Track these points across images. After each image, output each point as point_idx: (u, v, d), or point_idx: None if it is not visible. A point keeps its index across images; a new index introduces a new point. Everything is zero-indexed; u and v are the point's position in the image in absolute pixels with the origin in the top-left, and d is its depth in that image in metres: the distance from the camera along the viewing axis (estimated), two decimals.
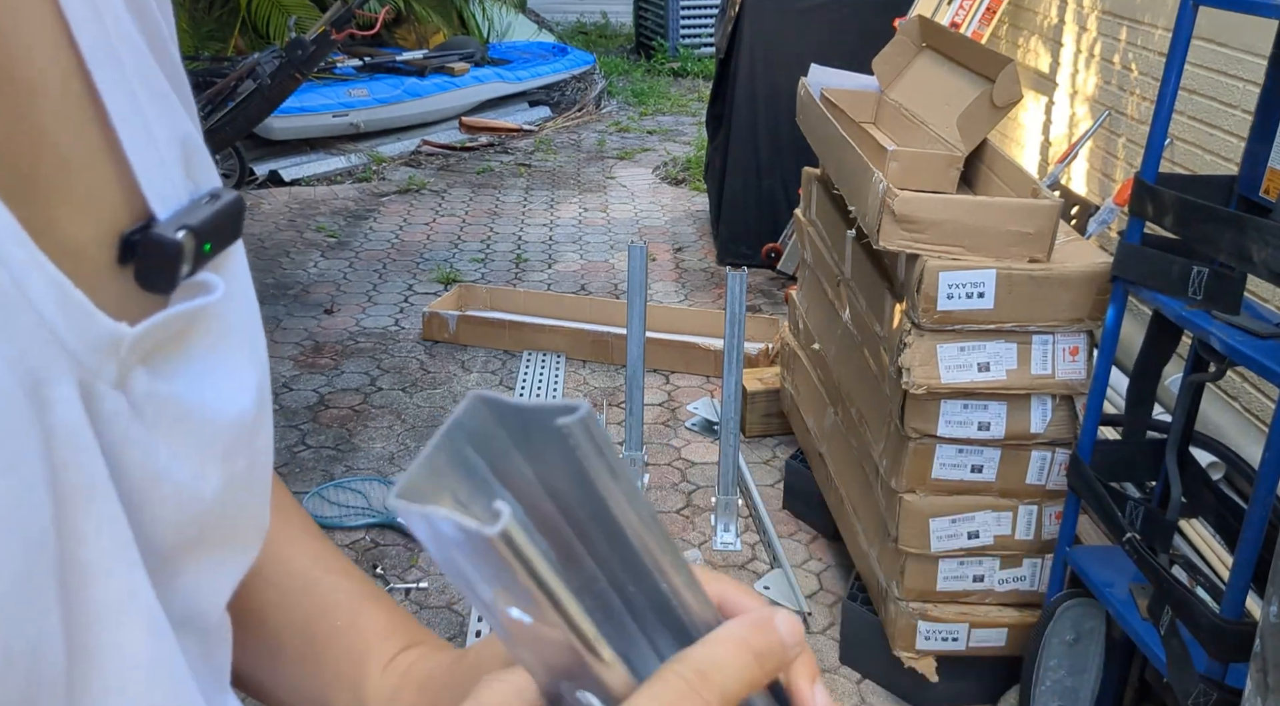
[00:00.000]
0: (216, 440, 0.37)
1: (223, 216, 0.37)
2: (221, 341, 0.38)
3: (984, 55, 2.49)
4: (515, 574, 0.30)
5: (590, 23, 12.03)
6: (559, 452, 0.30)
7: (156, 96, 0.36)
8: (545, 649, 0.33)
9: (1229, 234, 1.68)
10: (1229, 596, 1.70)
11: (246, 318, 0.41)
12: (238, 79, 4.93)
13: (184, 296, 0.36)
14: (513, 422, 0.31)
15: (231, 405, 0.38)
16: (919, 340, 2.12)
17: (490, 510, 0.29)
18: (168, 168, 0.36)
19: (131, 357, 0.33)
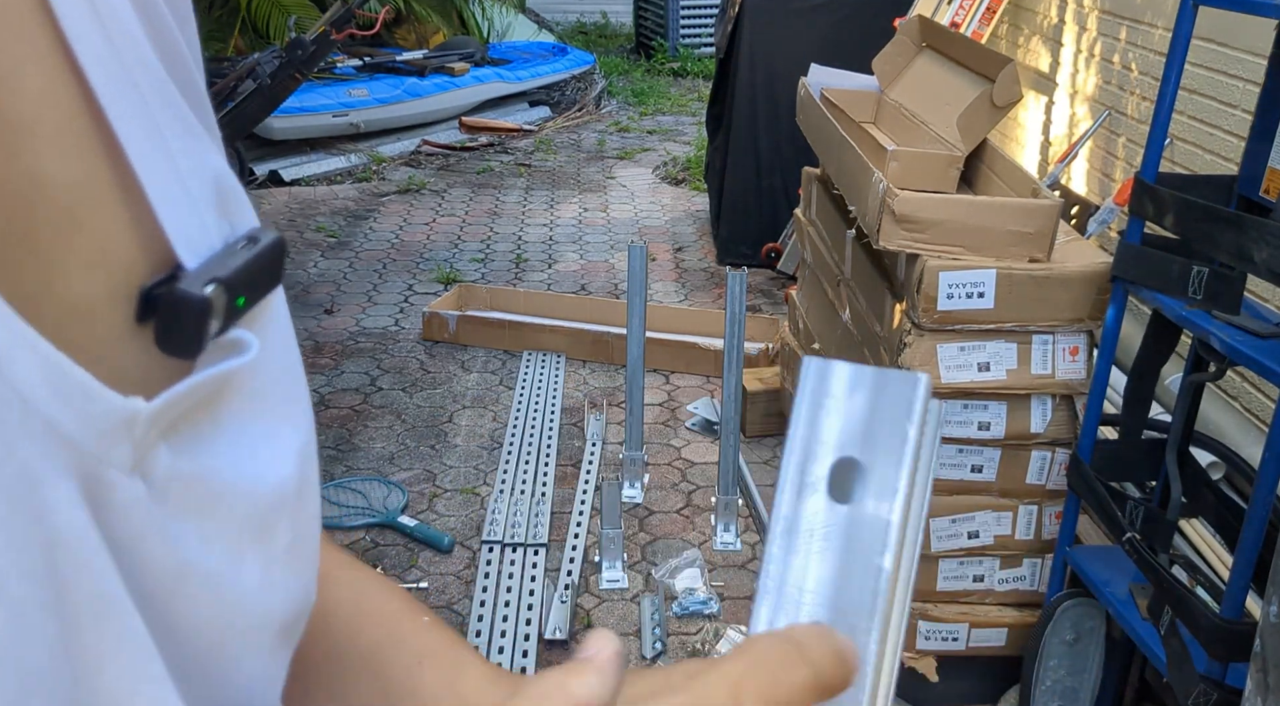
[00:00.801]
0: (254, 517, 0.33)
1: (261, 263, 0.32)
2: (257, 404, 0.34)
3: (984, 55, 2.49)
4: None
5: (590, 23, 12.03)
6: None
7: (182, 127, 0.32)
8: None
9: (1229, 234, 1.68)
10: (1229, 596, 1.70)
11: (287, 373, 0.36)
12: (238, 79, 4.93)
13: (213, 358, 0.31)
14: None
15: (270, 475, 0.34)
16: (919, 340, 2.12)
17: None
18: (198, 208, 0.32)
19: (150, 435, 0.29)
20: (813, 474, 0.34)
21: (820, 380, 0.34)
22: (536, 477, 3.32)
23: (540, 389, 3.89)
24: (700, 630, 2.69)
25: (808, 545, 0.33)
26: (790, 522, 0.34)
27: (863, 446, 0.33)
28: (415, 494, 3.26)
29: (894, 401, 0.33)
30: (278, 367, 0.35)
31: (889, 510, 0.33)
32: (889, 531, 0.33)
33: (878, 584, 0.33)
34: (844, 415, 0.34)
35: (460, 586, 2.84)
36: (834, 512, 0.33)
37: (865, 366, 0.34)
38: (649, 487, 3.32)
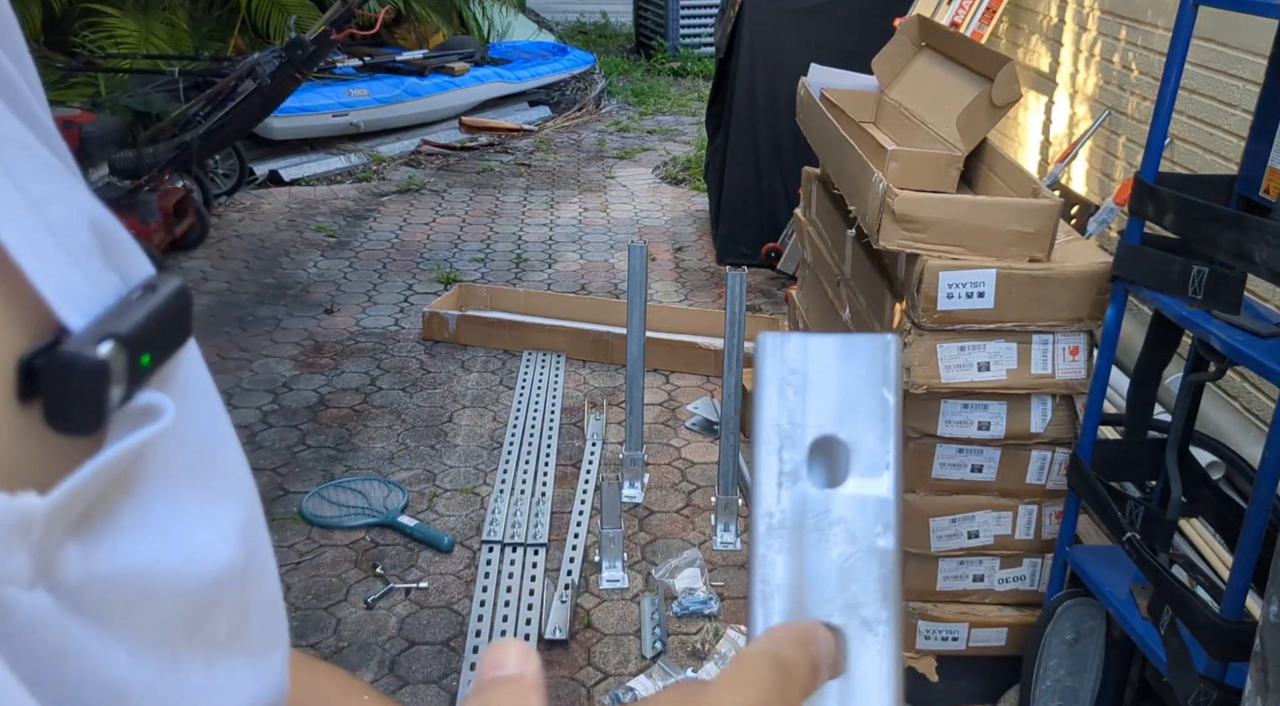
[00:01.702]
0: (189, 610, 0.28)
1: (164, 314, 0.28)
2: (183, 479, 0.29)
3: (983, 55, 2.49)
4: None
5: (590, 23, 12.03)
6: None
7: (40, 169, 0.28)
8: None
9: (1229, 233, 1.68)
10: (1229, 596, 1.70)
11: (215, 439, 0.31)
12: (238, 79, 4.93)
13: (122, 430, 0.26)
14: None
15: (207, 560, 0.29)
16: (919, 340, 2.12)
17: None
18: (77, 259, 0.27)
19: (53, 535, 0.24)
20: (791, 460, 0.31)
21: (780, 356, 0.31)
22: (536, 477, 3.32)
23: (540, 389, 3.89)
24: (700, 630, 2.69)
25: (799, 540, 0.31)
26: (775, 518, 0.31)
27: (840, 422, 0.31)
28: (415, 494, 3.26)
29: (865, 368, 0.31)
30: (203, 434, 0.31)
31: (884, 486, 0.30)
32: (887, 510, 0.30)
33: (884, 569, 0.30)
34: (814, 390, 0.31)
35: (460, 586, 2.84)
36: (822, 499, 0.31)
37: (827, 334, 0.31)
38: (649, 487, 3.32)
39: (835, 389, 0.31)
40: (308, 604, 2.77)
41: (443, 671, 2.54)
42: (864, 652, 0.30)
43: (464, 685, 2.47)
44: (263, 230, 5.57)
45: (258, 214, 5.82)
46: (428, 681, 2.51)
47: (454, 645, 2.63)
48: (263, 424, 3.66)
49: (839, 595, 0.30)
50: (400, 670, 2.55)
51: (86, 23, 6.20)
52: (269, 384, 3.95)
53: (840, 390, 0.31)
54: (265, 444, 3.53)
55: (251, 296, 4.74)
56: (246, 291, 4.79)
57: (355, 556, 2.95)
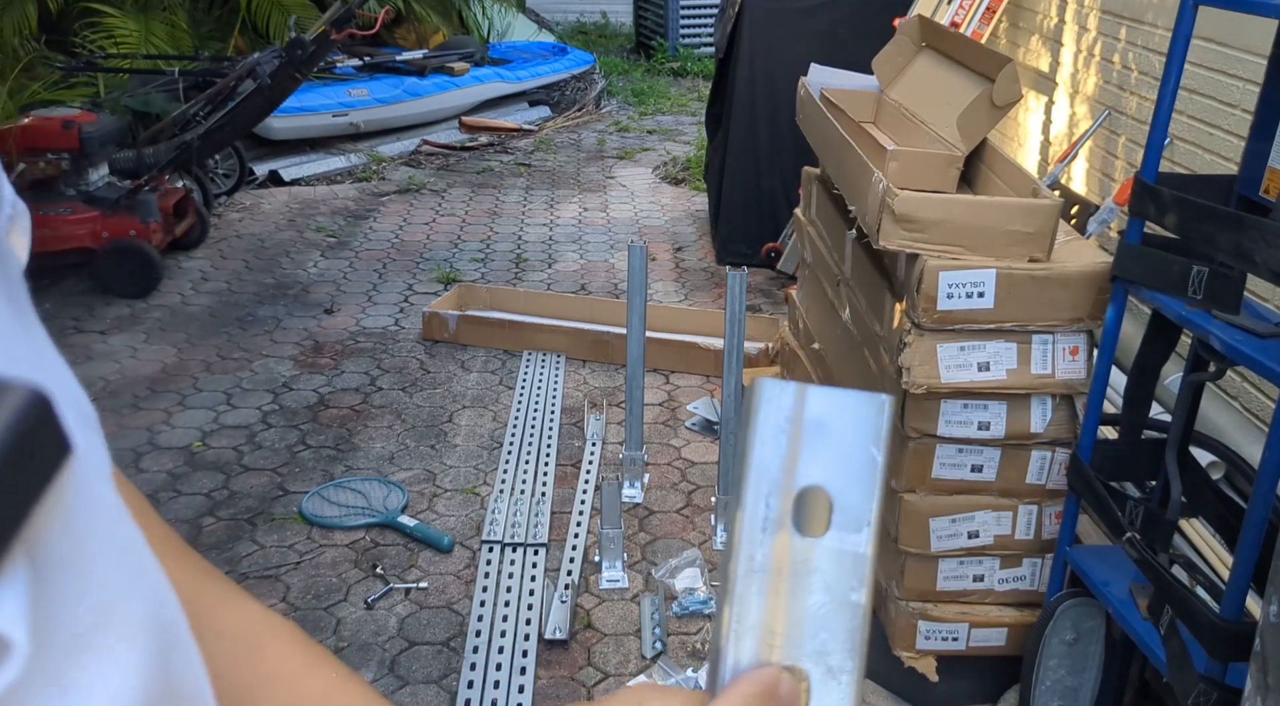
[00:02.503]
0: None
1: (5, 462, 0.20)
2: (77, 657, 0.25)
3: (984, 55, 2.49)
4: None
5: (590, 23, 12.03)
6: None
7: None
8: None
9: (1229, 233, 1.68)
10: (1229, 596, 1.70)
11: (116, 584, 0.27)
12: (238, 79, 4.93)
13: None
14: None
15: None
16: (919, 340, 2.12)
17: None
18: None
19: None
20: (777, 507, 0.32)
21: (777, 403, 0.32)
22: (536, 477, 3.32)
23: (540, 389, 3.89)
24: (700, 629, 2.69)
25: (776, 584, 0.31)
26: (756, 561, 0.32)
27: (828, 474, 0.32)
28: (415, 494, 3.26)
29: (858, 425, 0.32)
30: (99, 586, 0.26)
31: (861, 543, 0.32)
32: (862, 565, 0.32)
33: (854, 622, 0.32)
34: (806, 441, 0.32)
35: (460, 586, 2.84)
36: (803, 548, 0.31)
37: (824, 388, 0.32)
38: (649, 487, 3.32)
39: (826, 442, 0.32)
40: (307, 604, 2.77)
41: (443, 671, 2.54)
42: (826, 698, 0.31)
43: (464, 685, 2.47)
44: (263, 230, 5.57)
45: (258, 214, 5.82)
46: (428, 681, 2.51)
47: (454, 645, 2.62)
48: (263, 424, 3.66)
49: (809, 641, 0.31)
50: (400, 670, 2.55)
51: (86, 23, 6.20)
52: (269, 384, 3.95)
53: (831, 444, 0.32)
54: (265, 444, 3.53)
55: (251, 296, 4.74)
56: (246, 291, 4.79)
57: (355, 556, 2.95)
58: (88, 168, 4.69)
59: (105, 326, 4.38)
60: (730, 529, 0.32)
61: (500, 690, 2.45)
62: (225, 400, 3.82)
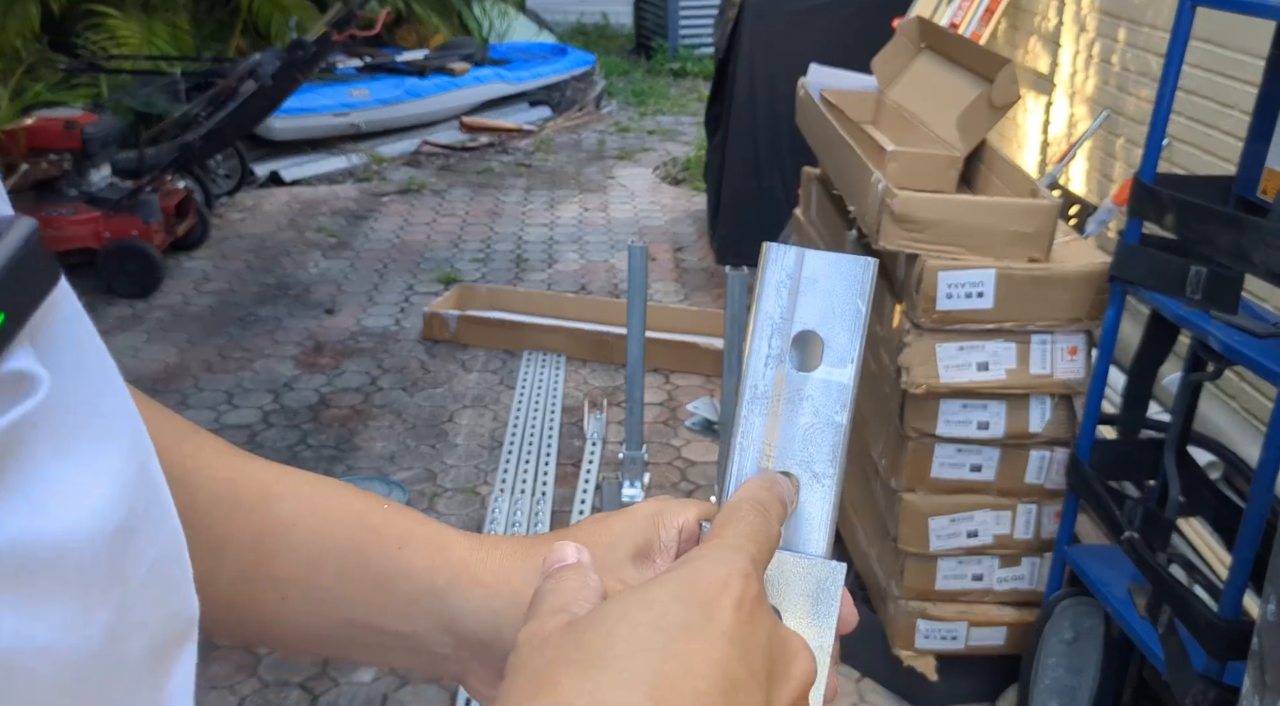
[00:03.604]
0: (93, 566, 0.28)
1: (15, 266, 0.25)
2: (71, 441, 0.28)
3: (983, 56, 2.49)
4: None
5: (590, 23, 12.03)
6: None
7: None
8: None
9: (1227, 234, 1.69)
10: (1227, 595, 1.70)
11: (99, 386, 0.30)
12: (239, 80, 4.94)
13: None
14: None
15: (104, 515, 0.29)
16: (918, 340, 2.13)
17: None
18: None
19: None
20: (778, 347, 0.39)
21: (780, 263, 0.39)
22: (537, 477, 3.33)
23: (540, 389, 3.90)
24: None
25: (774, 408, 0.39)
26: (759, 390, 0.39)
27: (820, 321, 0.38)
28: (416, 493, 3.27)
29: (847, 281, 0.39)
30: (87, 386, 0.29)
31: (846, 376, 0.38)
32: (845, 394, 0.38)
33: (836, 438, 0.39)
34: (804, 294, 0.39)
35: None
36: (798, 379, 0.39)
37: (820, 251, 0.39)
38: (649, 487, 3.33)
39: (820, 294, 0.39)
40: None
41: None
42: (812, 498, 0.39)
43: None
44: (264, 230, 5.58)
45: (259, 214, 5.83)
46: (428, 680, 2.52)
47: None
48: (263, 424, 3.67)
49: (799, 453, 0.39)
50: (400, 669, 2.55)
51: (89, 24, 6.21)
52: (270, 384, 3.95)
53: (824, 295, 0.39)
54: (266, 444, 3.54)
55: (252, 296, 4.75)
56: (247, 291, 4.80)
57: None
58: (90, 168, 4.70)
59: (107, 326, 4.38)
60: (740, 367, 0.40)
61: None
62: (226, 400, 3.83)
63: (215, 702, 2.44)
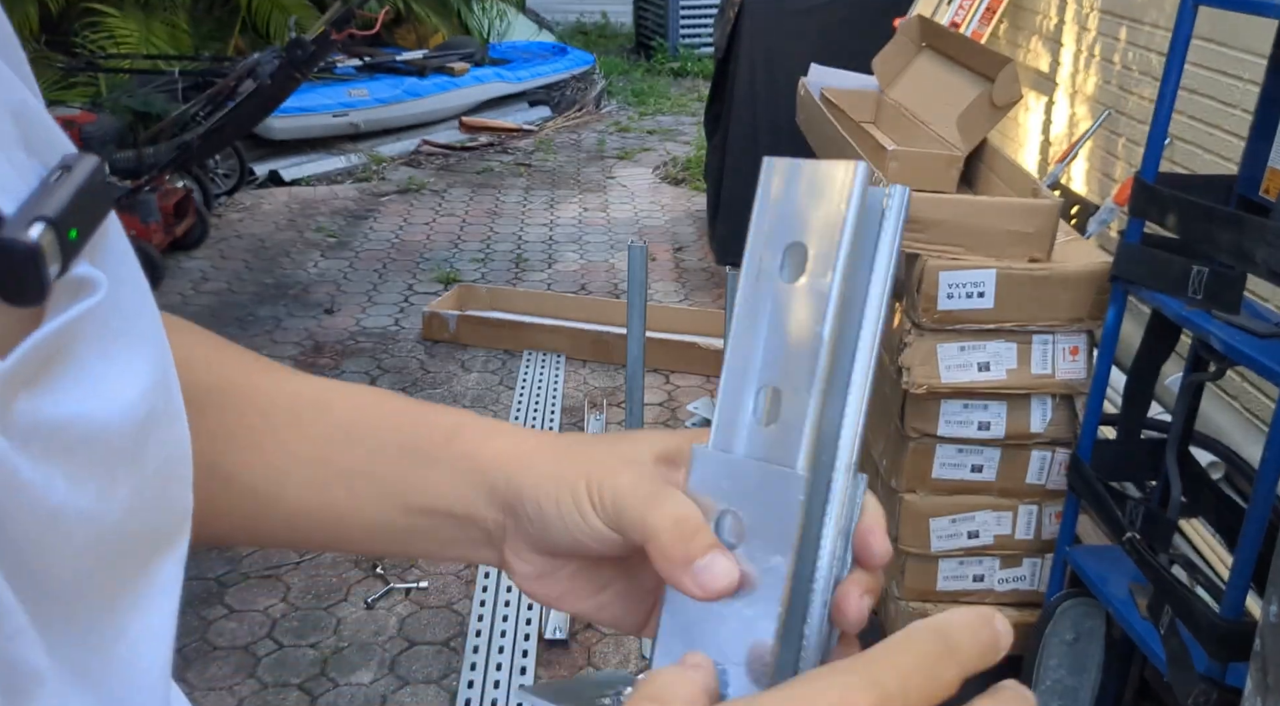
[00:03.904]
0: (123, 449, 0.33)
1: (85, 192, 0.31)
2: (114, 338, 0.33)
3: (984, 55, 2.49)
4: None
5: (590, 23, 12.03)
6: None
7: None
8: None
9: (1229, 233, 1.68)
10: (1229, 596, 1.70)
11: (138, 300, 0.36)
12: (238, 79, 4.93)
13: (63, 301, 0.31)
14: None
15: (136, 406, 0.34)
16: (919, 340, 2.12)
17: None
18: (5, 147, 0.30)
19: (9, 390, 0.29)
20: (767, 260, 0.38)
21: (770, 177, 0.39)
22: None
23: (540, 389, 3.89)
24: None
25: (761, 323, 0.39)
26: (748, 305, 0.39)
27: (807, 231, 0.38)
28: None
29: (832, 189, 0.38)
30: (129, 297, 0.35)
31: (827, 283, 0.37)
32: (827, 302, 0.37)
33: (817, 349, 0.38)
34: (793, 205, 0.38)
35: (461, 586, 2.84)
36: (783, 291, 0.38)
37: (811, 161, 0.38)
38: None
39: (807, 205, 0.38)
40: (308, 603, 2.77)
41: (443, 671, 2.54)
42: (794, 407, 0.38)
43: (464, 685, 2.48)
44: (263, 230, 5.57)
45: (258, 214, 5.82)
46: (428, 681, 2.52)
47: (454, 645, 2.63)
48: None
49: (779, 366, 0.39)
50: (400, 670, 2.55)
51: (87, 23, 6.21)
52: None
53: (811, 206, 0.38)
54: None
55: (251, 296, 4.74)
56: (246, 291, 4.80)
57: (355, 556, 2.95)
58: None
59: None
60: (735, 282, 0.40)
61: (500, 690, 2.46)
62: None
63: (214, 704, 2.43)
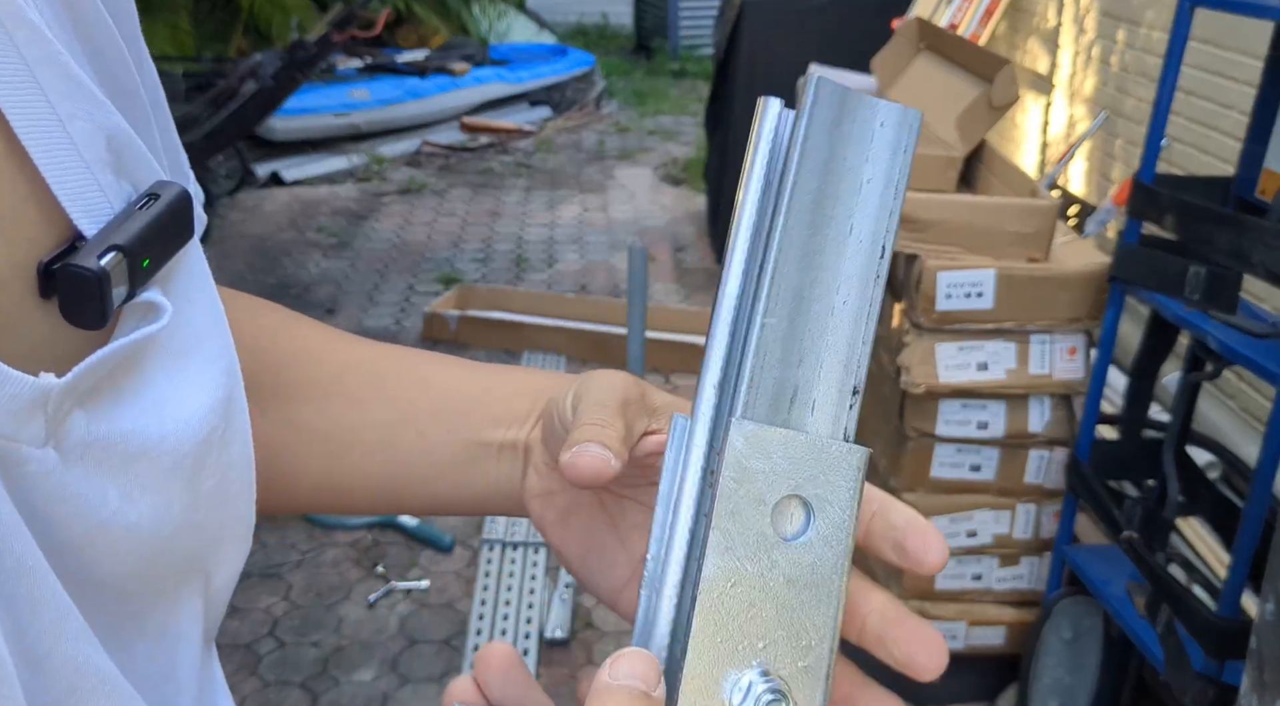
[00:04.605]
0: (179, 466, 0.34)
1: (164, 222, 0.32)
2: (178, 361, 0.34)
3: (982, 56, 2.50)
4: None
5: (590, 23, 12.04)
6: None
7: (68, 87, 0.30)
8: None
9: (1226, 234, 1.69)
10: (1225, 594, 1.71)
11: (209, 323, 0.36)
12: (240, 80, 4.94)
13: (127, 325, 0.32)
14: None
15: (194, 427, 0.34)
16: (918, 340, 2.13)
17: None
18: (93, 172, 0.31)
19: (65, 406, 0.30)
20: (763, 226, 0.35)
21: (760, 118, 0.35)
22: None
23: None
24: None
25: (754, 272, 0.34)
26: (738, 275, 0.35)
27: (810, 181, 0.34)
28: None
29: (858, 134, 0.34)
30: (200, 320, 0.36)
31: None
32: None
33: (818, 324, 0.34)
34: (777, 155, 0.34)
35: (461, 585, 2.85)
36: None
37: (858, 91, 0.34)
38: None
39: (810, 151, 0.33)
40: (309, 602, 2.78)
41: (444, 670, 2.55)
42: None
43: None
44: (264, 230, 5.58)
45: (259, 214, 5.83)
46: (429, 680, 2.53)
47: (455, 644, 2.64)
48: None
49: (833, 294, 0.34)
50: (401, 668, 2.56)
51: None
52: None
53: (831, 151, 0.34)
54: None
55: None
56: (248, 291, 4.79)
57: (356, 555, 2.96)
58: None
59: None
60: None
61: None
62: None
63: None
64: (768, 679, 0.32)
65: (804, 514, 0.33)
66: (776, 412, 0.34)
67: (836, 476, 0.34)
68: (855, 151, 0.33)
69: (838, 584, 0.34)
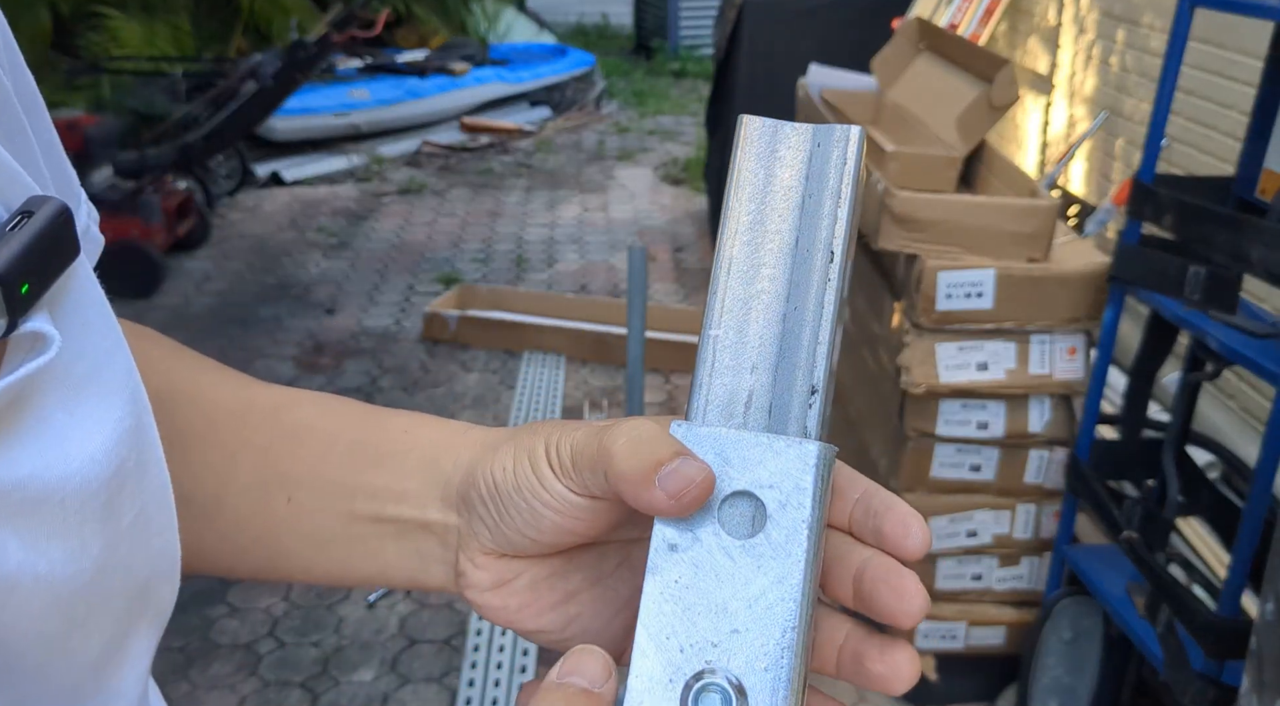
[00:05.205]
0: (89, 506, 0.31)
1: (41, 242, 0.29)
2: (77, 393, 0.31)
3: (982, 56, 2.50)
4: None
5: (590, 23, 12.04)
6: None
7: None
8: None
9: (1226, 234, 1.69)
10: (1225, 594, 1.71)
11: (107, 348, 0.33)
12: (240, 80, 4.94)
13: (13, 359, 0.29)
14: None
15: (102, 461, 0.32)
16: (918, 340, 2.13)
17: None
18: None
19: None
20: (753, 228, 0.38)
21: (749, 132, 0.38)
22: None
23: (540, 389, 3.90)
24: None
25: (745, 275, 0.38)
26: (734, 261, 0.38)
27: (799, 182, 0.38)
28: None
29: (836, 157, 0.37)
30: (97, 345, 0.33)
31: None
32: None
33: (815, 339, 0.36)
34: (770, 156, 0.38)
35: None
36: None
37: (796, 127, 0.38)
38: None
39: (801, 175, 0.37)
40: (309, 602, 2.78)
41: (444, 670, 2.55)
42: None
43: (464, 684, 2.49)
44: (264, 231, 5.58)
45: (259, 214, 5.83)
46: (429, 680, 2.53)
47: (455, 643, 2.64)
48: None
49: (782, 302, 0.37)
50: (401, 668, 2.56)
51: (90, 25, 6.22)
52: None
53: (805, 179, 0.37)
54: None
55: (253, 297, 4.75)
56: (248, 292, 4.81)
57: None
58: (91, 169, 4.71)
59: None
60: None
61: (501, 689, 2.47)
62: None
63: (216, 702, 2.44)
64: (720, 678, 0.32)
65: (756, 512, 0.34)
66: (731, 416, 0.35)
67: (790, 473, 0.34)
68: (792, 173, 0.37)
69: (797, 581, 0.33)
